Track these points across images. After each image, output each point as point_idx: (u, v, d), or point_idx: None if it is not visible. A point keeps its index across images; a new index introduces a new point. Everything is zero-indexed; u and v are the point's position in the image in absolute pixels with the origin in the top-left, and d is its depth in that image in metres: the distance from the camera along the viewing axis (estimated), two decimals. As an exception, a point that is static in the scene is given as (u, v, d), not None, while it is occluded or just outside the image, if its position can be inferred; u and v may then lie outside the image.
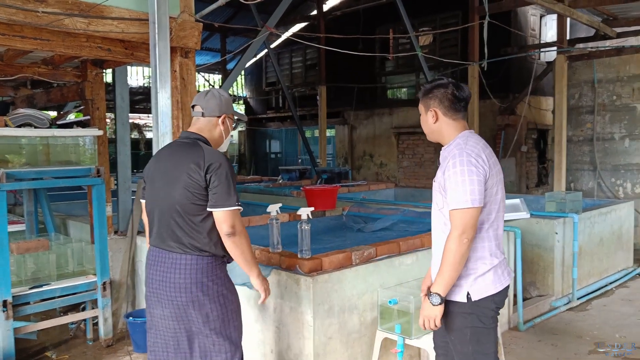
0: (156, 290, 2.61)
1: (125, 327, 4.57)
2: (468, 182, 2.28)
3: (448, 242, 2.32)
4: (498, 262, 2.44)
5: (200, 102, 2.73)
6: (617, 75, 8.57)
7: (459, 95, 2.44)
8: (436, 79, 2.54)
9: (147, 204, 2.75)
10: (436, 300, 2.36)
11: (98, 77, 4.52)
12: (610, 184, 8.70)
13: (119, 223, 4.90)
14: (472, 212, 2.29)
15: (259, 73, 17.16)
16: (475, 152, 2.36)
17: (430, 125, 2.51)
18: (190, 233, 2.54)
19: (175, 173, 2.56)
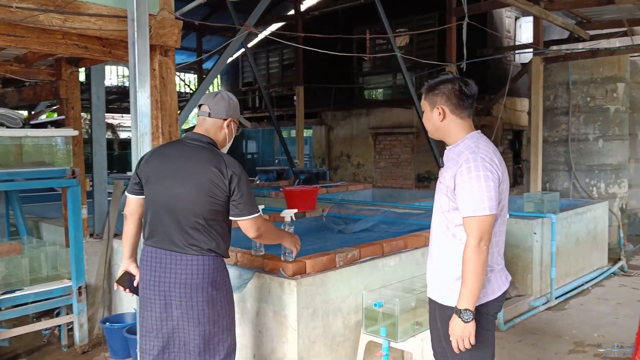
0: (164, 292, 2.57)
1: (101, 332, 4.44)
2: (485, 189, 2.20)
3: (467, 252, 2.23)
4: (498, 269, 2.40)
5: (208, 102, 2.72)
6: (591, 77, 8.70)
7: (466, 92, 2.34)
8: (441, 74, 2.43)
9: (151, 203, 2.64)
10: (468, 317, 2.23)
11: (73, 75, 4.39)
12: (584, 184, 8.83)
13: (94, 225, 4.77)
14: (489, 219, 2.22)
15: (235, 73, 17.03)
16: (489, 156, 2.28)
17: (436, 123, 2.39)
18: (208, 236, 2.57)
19: (193, 176, 2.55)
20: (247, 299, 3.40)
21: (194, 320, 2.56)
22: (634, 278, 6.99)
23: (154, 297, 2.60)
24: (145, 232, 2.69)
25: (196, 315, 2.56)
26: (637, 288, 6.48)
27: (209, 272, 2.57)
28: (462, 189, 2.24)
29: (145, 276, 2.63)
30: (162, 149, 2.77)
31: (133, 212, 2.78)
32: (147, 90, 3.12)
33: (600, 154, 8.81)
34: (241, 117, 2.85)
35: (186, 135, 2.75)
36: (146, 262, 2.64)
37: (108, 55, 3.30)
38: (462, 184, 2.24)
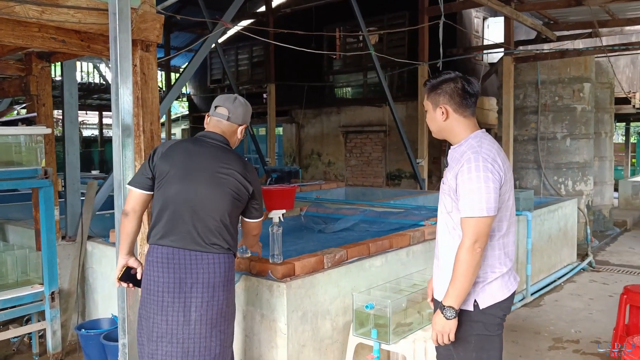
0: (185, 293, 2.48)
1: (75, 339, 4.27)
2: (484, 190, 2.16)
3: (460, 252, 2.20)
4: (506, 270, 2.34)
5: (227, 105, 2.72)
6: (559, 77, 8.87)
7: (470, 90, 2.29)
8: (443, 72, 2.35)
9: (169, 200, 2.53)
10: (450, 314, 2.23)
11: (44, 71, 4.19)
12: (553, 182, 9.00)
13: (67, 227, 4.57)
14: (486, 221, 2.18)
15: (204, 70, 16.76)
16: (491, 156, 2.23)
17: (440, 123, 2.35)
18: (228, 234, 2.58)
19: (222, 177, 2.55)
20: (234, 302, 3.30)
21: (213, 321, 2.53)
22: (602, 273, 7.16)
23: (173, 300, 2.49)
24: (157, 231, 2.56)
25: (215, 316, 2.53)
26: (606, 283, 6.63)
27: (227, 270, 2.58)
28: (462, 189, 2.21)
29: (161, 278, 2.50)
30: (183, 145, 2.66)
31: (137, 209, 2.64)
32: (130, 87, 2.98)
33: (567, 152, 9.00)
34: None
35: (205, 134, 2.70)
36: (161, 263, 2.52)
37: (87, 49, 3.15)
38: (463, 184, 2.21)
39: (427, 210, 5.81)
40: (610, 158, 10.61)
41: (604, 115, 10.14)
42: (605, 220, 10.36)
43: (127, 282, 2.69)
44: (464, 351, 2.36)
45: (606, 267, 7.48)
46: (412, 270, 4.02)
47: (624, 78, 11.58)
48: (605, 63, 9.89)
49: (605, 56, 8.89)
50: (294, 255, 3.56)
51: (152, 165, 2.61)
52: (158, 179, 2.58)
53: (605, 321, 5.18)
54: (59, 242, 4.40)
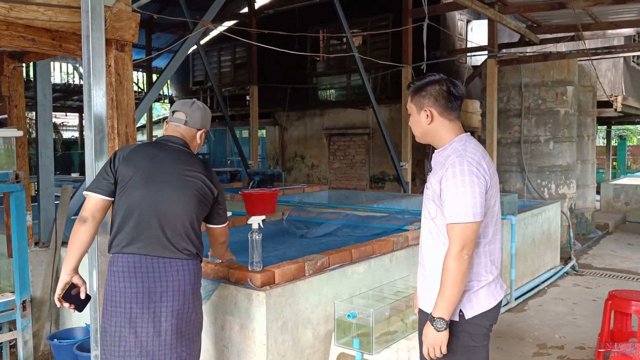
0: (155, 303, 2.37)
1: (48, 349, 4.12)
2: (470, 195, 2.10)
3: (448, 260, 2.13)
4: (492, 279, 2.28)
5: (185, 109, 2.66)
6: (542, 80, 8.88)
7: (454, 92, 2.23)
8: (427, 75, 2.29)
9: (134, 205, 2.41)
10: (441, 326, 2.15)
11: (16, 71, 4.04)
12: (536, 185, 9.00)
13: (40, 233, 4.42)
14: (473, 227, 2.11)
15: (186, 71, 16.59)
16: (477, 160, 2.17)
17: (424, 126, 2.28)
18: (196, 240, 2.52)
19: (188, 180, 2.50)
20: (212, 311, 3.20)
21: (182, 330, 2.45)
22: (585, 277, 7.15)
23: (142, 311, 2.36)
24: (121, 238, 2.43)
25: (185, 324, 2.46)
26: (590, 287, 6.62)
27: (196, 277, 2.52)
28: (447, 194, 2.14)
29: (128, 289, 2.37)
30: (146, 148, 2.56)
31: (97, 216, 2.46)
32: (103, 88, 2.87)
33: (550, 155, 9.01)
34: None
35: (166, 138, 2.62)
36: (127, 273, 2.38)
37: (58, 49, 3.02)
38: (447, 189, 2.14)
39: (410, 214, 5.74)
40: (593, 161, 10.65)
41: (586, 119, 10.17)
42: (587, 223, 10.40)
43: (69, 302, 2.47)
44: None
45: (589, 271, 7.48)
46: (395, 276, 3.94)
47: (606, 81, 11.66)
48: (587, 66, 9.94)
49: (588, 59, 8.92)
50: (275, 261, 3.47)
51: (114, 169, 2.48)
52: (120, 184, 2.46)
53: (589, 326, 5.15)
54: (31, 248, 4.26)
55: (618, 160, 20.28)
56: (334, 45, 13.28)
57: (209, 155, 16.83)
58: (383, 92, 12.17)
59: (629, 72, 12.61)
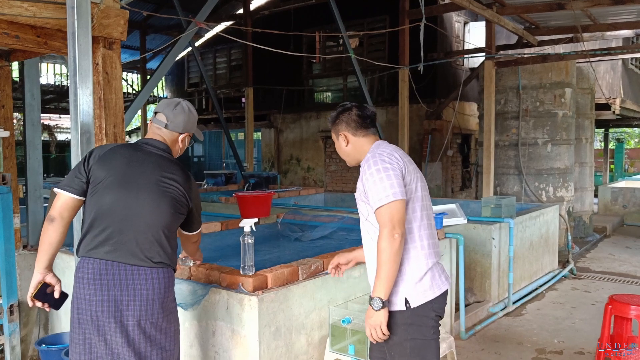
0: (120, 312, 2.27)
1: (36, 355, 4.02)
2: (385, 178, 2.27)
3: (380, 242, 2.24)
4: (433, 264, 2.39)
5: (167, 112, 2.54)
6: (540, 82, 8.81)
7: (363, 114, 2.50)
8: (339, 105, 2.57)
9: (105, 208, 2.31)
10: (377, 305, 2.26)
11: (3, 70, 3.95)
12: (534, 188, 8.93)
13: (28, 236, 4.33)
14: (397, 205, 2.24)
15: (181, 73, 16.50)
16: (387, 152, 2.38)
17: (344, 149, 2.55)
18: (168, 247, 2.41)
19: (162, 185, 2.39)
20: (203, 316, 3.11)
21: (152, 338, 2.34)
22: (584, 281, 7.08)
23: (109, 320, 2.26)
24: (89, 241, 2.33)
25: (155, 333, 2.35)
26: (588, 291, 6.55)
27: (166, 286, 2.40)
28: (368, 187, 2.32)
29: (93, 296, 2.27)
30: (123, 150, 2.44)
31: (65, 215, 2.37)
32: (90, 87, 2.78)
33: (548, 158, 8.94)
34: (197, 130, 2.71)
35: (145, 141, 2.51)
36: (92, 279, 2.28)
37: (43, 46, 2.93)
38: (367, 182, 2.33)
39: (407, 217, 5.66)
40: (591, 164, 10.59)
41: (584, 121, 10.12)
42: (585, 227, 10.34)
43: (42, 301, 2.41)
44: (400, 356, 2.35)
45: (587, 274, 7.41)
46: (391, 280, 3.84)
47: (604, 84, 11.61)
48: (586, 68, 9.89)
49: (586, 61, 8.87)
50: (268, 264, 3.37)
51: (87, 168, 2.38)
52: (92, 185, 2.36)
53: (588, 330, 5.08)
54: (19, 251, 4.16)
55: (615, 163, 20.25)
56: (330, 46, 13.22)
57: (204, 158, 16.73)
58: (380, 94, 12.10)
59: (627, 75, 12.56)
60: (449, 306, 4.71)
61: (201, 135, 2.78)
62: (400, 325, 2.32)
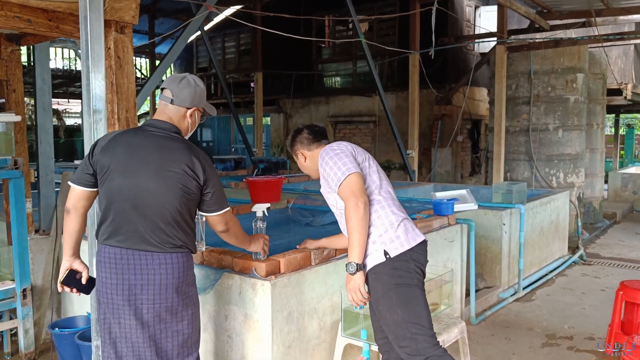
0: (135, 296, 2.31)
1: (49, 338, 4.06)
2: (337, 160, 2.54)
3: (346, 213, 2.46)
4: (403, 218, 2.60)
5: (172, 87, 2.46)
6: (552, 67, 8.71)
7: (312, 131, 2.83)
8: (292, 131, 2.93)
9: (114, 197, 2.32)
10: (352, 269, 2.46)
11: (14, 54, 3.95)
12: (544, 173, 8.87)
13: (40, 221, 4.35)
14: (353, 178, 2.49)
15: (190, 58, 16.45)
16: (335, 144, 2.68)
17: (305, 164, 2.85)
18: (181, 231, 2.38)
19: (166, 169, 2.32)
20: (215, 301, 3.12)
21: (167, 323, 2.37)
22: (593, 267, 7.06)
23: (123, 303, 2.31)
24: (103, 230, 2.37)
25: (170, 317, 2.37)
26: (598, 277, 6.53)
27: (183, 270, 2.39)
28: (327, 175, 2.58)
29: (109, 280, 2.32)
30: (124, 136, 2.40)
31: (78, 207, 2.43)
32: (102, 72, 2.77)
33: (559, 143, 8.86)
34: (207, 104, 2.60)
35: (149, 123, 2.45)
36: (109, 264, 2.33)
37: (55, 30, 2.92)
38: (324, 172, 2.60)
39: (418, 203, 5.65)
40: (602, 150, 10.50)
41: (595, 107, 10.01)
42: (595, 213, 10.28)
43: (70, 286, 2.48)
44: (389, 311, 2.48)
45: (597, 260, 7.38)
46: (403, 266, 3.84)
47: (616, 69, 11.46)
48: (598, 53, 9.76)
49: (599, 46, 8.75)
50: (280, 250, 3.37)
51: (92, 160, 2.38)
52: (99, 175, 2.37)
53: (598, 316, 5.07)
54: (31, 236, 4.19)
55: (626, 149, 20.07)
56: (339, 31, 13.12)
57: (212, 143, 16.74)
58: (390, 79, 12.02)
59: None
60: (460, 291, 4.71)
61: (213, 109, 2.66)
62: (383, 277, 2.50)
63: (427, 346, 2.44)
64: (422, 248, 2.59)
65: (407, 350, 2.46)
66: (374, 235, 2.53)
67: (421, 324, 2.45)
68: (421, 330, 2.45)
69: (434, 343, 2.47)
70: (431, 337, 2.46)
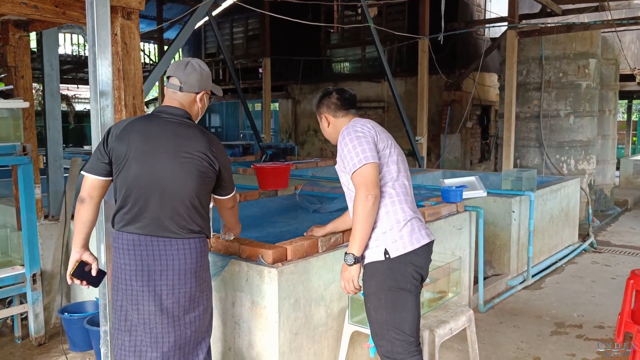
0: (154, 281, 2.34)
1: (59, 322, 4.10)
2: (357, 145, 2.46)
3: (355, 202, 2.41)
4: (412, 218, 2.53)
5: (178, 74, 2.47)
6: (564, 53, 8.59)
7: (342, 97, 2.70)
8: (322, 90, 2.77)
9: (132, 185, 2.33)
10: (350, 260, 2.44)
11: (22, 40, 3.94)
12: (555, 160, 8.79)
13: (49, 206, 4.37)
14: (369, 168, 2.42)
15: (198, 43, 16.40)
16: (360, 124, 2.57)
17: (327, 129, 2.77)
18: (199, 217, 2.43)
19: (185, 155, 2.35)
20: (222, 287, 3.13)
21: (185, 308, 2.40)
22: (604, 254, 7.01)
23: (142, 289, 2.33)
24: (120, 217, 2.38)
25: (188, 302, 2.41)
26: (608, 265, 6.48)
27: (200, 255, 2.44)
28: (344, 156, 2.52)
29: (128, 266, 2.34)
30: (138, 124, 2.40)
31: (94, 195, 2.42)
32: (108, 58, 2.75)
33: (570, 130, 8.77)
34: (213, 85, 2.63)
35: (161, 109, 2.46)
36: (127, 250, 2.34)
37: (62, 16, 2.90)
38: (342, 153, 2.53)
39: (426, 190, 5.62)
40: (613, 136, 10.38)
41: (608, 93, 9.88)
42: (606, 200, 10.19)
43: (80, 279, 2.48)
44: (375, 309, 2.51)
45: (607, 248, 7.33)
46: (411, 253, 3.83)
47: (629, 54, 11.31)
48: (611, 38, 9.61)
49: (612, 31, 8.60)
50: (287, 236, 3.38)
51: (107, 148, 2.38)
52: (115, 163, 2.37)
53: (608, 305, 5.04)
54: (41, 221, 4.21)
55: (638, 135, 19.87)
56: (348, 16, 13.01)
57: (221, 129, 16.73)
58: (399, 65, 11.93)
59: (653, 45, 12.22)
60: (468, 279, 4.70)
61: (220, 90, 2.70)
62: (378, 275, 2.48)
63: (402, 351, 2.50)
64: (425, 250, 2.55)
65: (382, 350, 2.56)
66: (378, 231, 2.49)
67: (402, 330, 2.48)
68: (401, 336, 2.49)
69: (410, 350, 2.51)
70: (409, 344, 2.50)
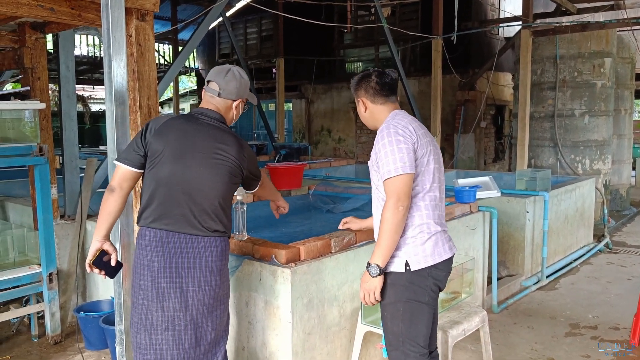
0: (181, 278, 2.38)
1: (75, 321, 4.15)
2: (397, 151, 2.34)
3: (384, 211, 2.33)
4: (437, 232, 2.46)
5: (219, 80, 2.55)
6: (579, 52, 8.51)
7: (382, 82, 2.53)
8: (362, 71, 2.61)
9: (163, 181, 2.38)
10: (375, 271, 2.36)
11: (39, 42, 3.99)
12: (570, 160, 8.72)
13: (65, 206, 4.43)
14: (404, 179, 2.32)
15: (212, 44, 16.48)
16: (402, 124, 2.43)
17: (363, 114, 2.62)
18: (224, 217, 2.49)
19: (217, 157, 2.43)
20: (236, 287, 3.14)
21: (210, 306, 2.45)
22: (619, 255, 6.94)
23: (169, 285, 2.36)
24: (148, 213, 2.41)
25: (212, 300, 2.46)
26: (624, 266, 6.42)
27: (224, 253, 2.51)
28: (379, 157, 2.40)
29: (155, 262, 2.37)
30: (177, 123, 2.48)
31: (124, 186, 2.46)
32: (123, 59, 2.78)
33: (585, 129, 8.69)
34: (250, 94, 2.69)
35: (199, 111, 2.55)
36: (154, 247, 2.38)
37: (77, 18, 2.94)
38: (379, 152, 2.41)
39: (439, 189, 5.59)
40: (629, 136, 10.26)
41: (624, 92, 9.77)
42: (622, 200, 10.08)
43: (99, 268, 2.51)
44: (392, 320, 2.46)
45: (623, 249, 7.25)
46: (424, 253, 3.82)
47: (645, 53, 11.16)
48: (627, 37, 9.50)
49: (628, 30, 8.50)
50: (301, 236, 3.39)
51: (144, 142, 2.44)
52: (150, 158, 2.42)
53: (623, 305, 4.99)
54: (57, 221, 4.27)
55: (655, 135, 19.58)
56: (361, 16, 13.00)
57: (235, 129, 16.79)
58: (412, 65, 11.90)
59: (671, 43, 12.04)
60: (481, 279, 4.68)
61: (255, 99, 2.77)
62: (398, 287, 2.43)
63: None
64: (446, 264, 2.51)
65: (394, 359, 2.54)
66: (402, 242, 2.42)
67: (417, 342, 2.47)
68: (415, 348, 2.47)
69: None
70: (422, 356, 2.48)
